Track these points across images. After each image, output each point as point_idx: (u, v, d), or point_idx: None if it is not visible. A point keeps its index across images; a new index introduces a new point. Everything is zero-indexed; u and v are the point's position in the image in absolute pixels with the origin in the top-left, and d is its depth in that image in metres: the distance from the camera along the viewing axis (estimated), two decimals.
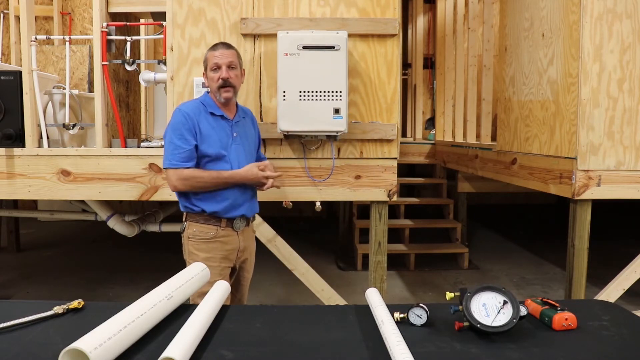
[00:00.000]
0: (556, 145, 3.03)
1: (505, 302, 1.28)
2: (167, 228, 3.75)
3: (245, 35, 2.80)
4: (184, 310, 1.39)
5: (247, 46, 2.81)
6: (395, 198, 2.89)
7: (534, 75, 3.32)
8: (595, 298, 2.96)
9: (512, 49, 3.65)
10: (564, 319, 1.31)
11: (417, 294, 4.23)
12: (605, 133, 2.84)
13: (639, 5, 2.80)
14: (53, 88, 3.13)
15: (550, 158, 3.09)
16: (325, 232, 6.44)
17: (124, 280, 4.48)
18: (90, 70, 3.98)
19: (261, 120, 2.83)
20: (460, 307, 1.30)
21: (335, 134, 2.69)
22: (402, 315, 1.33)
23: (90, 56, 3.99)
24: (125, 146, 2.96)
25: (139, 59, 4.15)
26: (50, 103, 3.10)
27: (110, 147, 2.96)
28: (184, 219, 2.19)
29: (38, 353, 1.15)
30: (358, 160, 2.87)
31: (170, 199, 2.85)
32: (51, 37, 3.27)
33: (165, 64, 2.88)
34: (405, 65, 6.94)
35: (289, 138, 2.80)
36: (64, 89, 3.05)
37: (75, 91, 3.16)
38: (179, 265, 1.74)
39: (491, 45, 4.82)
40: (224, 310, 1.42)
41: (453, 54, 5.67)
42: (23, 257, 5.34)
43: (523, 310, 1.29)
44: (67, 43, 3.04)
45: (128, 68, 2.97)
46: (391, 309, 1.36)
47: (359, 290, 4.19)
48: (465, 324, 1.27)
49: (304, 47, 2.58)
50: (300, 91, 2.59)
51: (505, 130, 3.82)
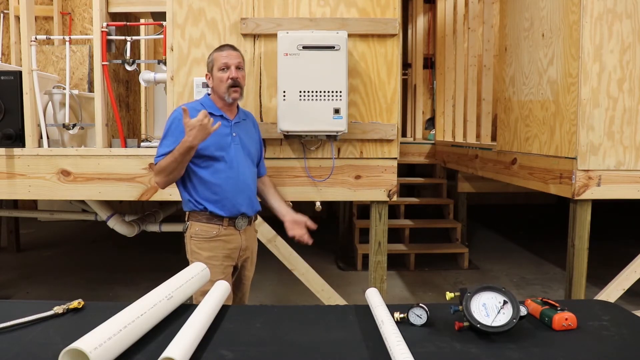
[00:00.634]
0: (556, 145, 3.03)
1: (505, 302, 1.28)
2: (167, 228, 3.75)
3: (245, 35, 2.80)
4: (184, 310, 1.38)
5: (247, 46, 2.81)
6: (395, 198, 2.89)
7: (534, 75, 3.31)
8: (595, 298, 2.96)
9: (512, 49, 3.65)
10: (564, 319, 1.31)
11: (417, 294, 4.23)
12: (605, 133, 2.84)
13: (639, 5, 2.80)
14: (53, 88, 3.13)
15: (550, 158, 3.09)
16: (325, 232, 6.42)
17: (124, 280, 4.48)
18: (90, 70, 3.98)
19: (261, 120, 2.83)
20: (460, 307, 1.30)
21: (335, 134, 2.69)
22: (402, 315, 1.33)
23: (90, 56, 3.99)
24: (125, 146, 2.96)
25: (139, 59, 4.15)
26: (50, 103, 3.10)
27: (110, 147, 2.96)
28: (186, 218, 2.18)
29: (38, 353, 1.15)
30: (358, 160, 2.87)
31: (170, 199, 2.85)
32: (51, 37, 3.27)
33: (165, 64, 2.88)
34: (405, 65, 6.94)
35: (289, 138, 2.80)
36: (64, 89, 3.06)
37: (75, 91, 3.17)
38: (179, 265, 1.74)
39: (491, 45, 4.82)
40: (224, 310, 1.42)
41: (453, 54, 5.66)
42: (23, 257, 5.34)
43: (523, 310, 1.29)
44: (67, 43, 3.04)
45: (128, 68, 2.97)
46: (391, 309, 1.36)
47: (359, 290, 4.19)
48: (465, 324, 1.27)
49: (304, 47, 2.58)
50: (300, 91, 2.59)
51: (505, 130, 3.82)
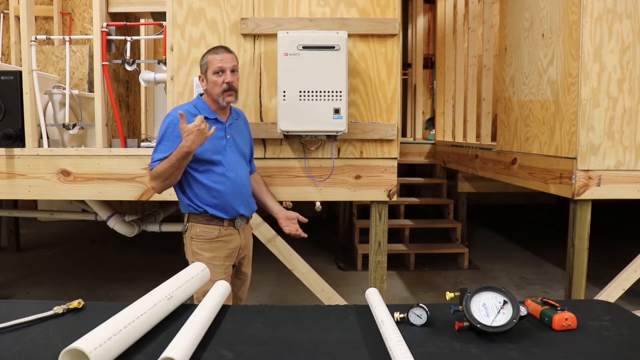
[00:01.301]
0: (556, 145, 3.03)
1: (505, 302, 1.28)
2: (167, 228, 3.75)
3: (245, 35, 2.80)
4: (184, 310, 1.39)
5: (247, 46, 2.81)
6: (395, 198, 2.89)
7: (534, 75, 3.31)
8: (595, 298, 2.96)
9: (512, 49, 3.65)
10: (564, 319, 1.31)
11: (417, 294, 4.23)
12: (605, 133, 2.84)
13: (639, 5, 2.80)
14: (53, 88, 3.13)
15: (550, 158, 3.09)
16: (325, 232, 6.44)
17: (124, 280, 4.48)
18: (90, 70, 3.98)
19: (261, 120, 2.83)
20: (460, 307, 1.30)
21: (335, 134, 2.69)
22: (402, 315, 1.33)
23: (90, 56, 3.99)
24: (125, 146, 2.96)
25: (139, 59, 4.15)
26: (50, 103, 3.10)
27: (110, 147, 2.96)
28: (185, 220, 2.18)
29: (38, 353, 1.15)
30: (358, 160, 2.87)
31: (170, 199, 2.84)
32: (51, 37, 3.27)
33: (165, 64, 2.88)
34: (405, 65, 6.94)
35: (289, 138, 2.80)
36: (64, 89, 3.05)
37: (75, 91, 3.16)
38: (179, 265, 1.74)
39: (491, 45, 4.82)
40: (224, 310, 1.42)
41: (453, 54, 5.66)
42: (23, 257, 5.33)
43: (523, 310, 1.29)
44: (67, 43, 3.04)
45: (128, 68, 2.97)
46: (391, 309, 1.36)
47: (359, 290, 4.18)
48: (465, 324, 1.27)
49: (304, 47, 2.58)
50: (300, 91, 2.59)
51: (505, 130, 3.82)
